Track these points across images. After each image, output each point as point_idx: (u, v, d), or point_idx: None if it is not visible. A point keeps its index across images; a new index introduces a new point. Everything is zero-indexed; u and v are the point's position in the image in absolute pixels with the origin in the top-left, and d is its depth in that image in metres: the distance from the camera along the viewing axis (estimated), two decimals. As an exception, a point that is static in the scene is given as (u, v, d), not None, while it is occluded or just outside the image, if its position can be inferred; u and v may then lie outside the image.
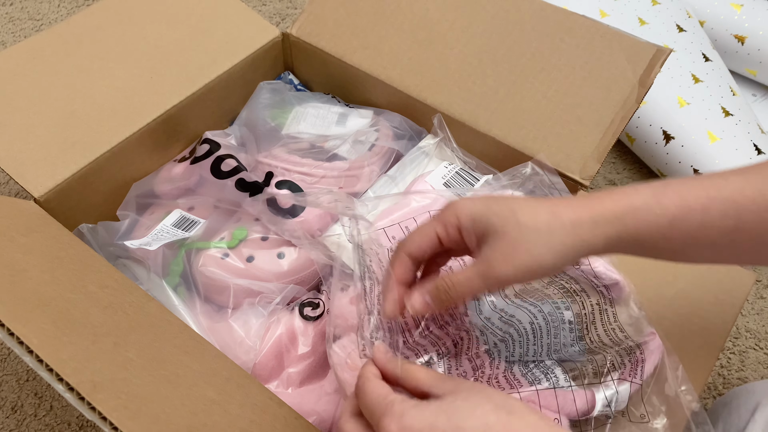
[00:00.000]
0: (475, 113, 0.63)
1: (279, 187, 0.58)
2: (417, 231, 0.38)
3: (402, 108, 0.68)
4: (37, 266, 0.44)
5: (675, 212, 0.34)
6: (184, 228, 0.60)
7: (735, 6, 0.89)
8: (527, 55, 0.63)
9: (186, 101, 0.65)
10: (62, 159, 0.58)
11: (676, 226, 0.34)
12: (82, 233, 0.59)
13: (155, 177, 0.65)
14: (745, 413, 0.47)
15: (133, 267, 0.57)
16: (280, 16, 1.09)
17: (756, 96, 0.91)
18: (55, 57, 0.63)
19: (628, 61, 0.59)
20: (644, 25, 0.85)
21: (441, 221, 0.37)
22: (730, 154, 0.75)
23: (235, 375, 0.44)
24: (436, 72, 0.66)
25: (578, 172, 0.58)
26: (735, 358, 0.69)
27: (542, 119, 0.61)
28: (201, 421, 0.37)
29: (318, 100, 0.72)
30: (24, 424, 0.64)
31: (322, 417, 0.49)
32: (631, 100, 0.58)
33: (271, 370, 0.51)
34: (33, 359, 0.35)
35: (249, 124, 0.69)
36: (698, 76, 0.80)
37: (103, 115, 0.61)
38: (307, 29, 0.72)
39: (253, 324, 0.52)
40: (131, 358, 0.39)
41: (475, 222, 0.36)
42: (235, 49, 0.69)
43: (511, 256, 0.34)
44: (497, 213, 0.35)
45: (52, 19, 1.07)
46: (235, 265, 0.56)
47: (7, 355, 0.68)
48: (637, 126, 0.82)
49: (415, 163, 0.64)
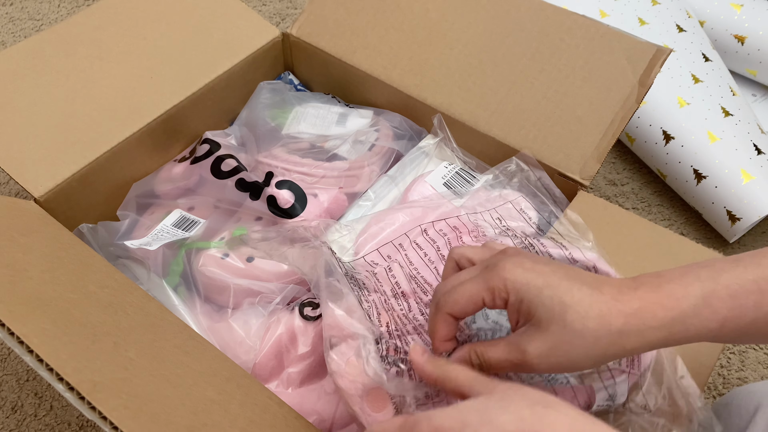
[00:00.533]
0: (475, 113, 0.63)
1: (279, 187, 0.58)
2: (461, 291, 0.37)
3: (402, 108, 0.68)
4: (37, 266, 0.44)
5: (726, 315, 0.33)
6: (184, 228, 0.60)
7: (735, 6, 0.89)
8: (527, 55, 0.63)
9: (186, 101, 0.65)
10: (62, 159, 0.58)
11: (726, 327, 0.33)
12: (82, 233, 0.59)
13: (155, 177, 0.65)
14: (745, 414, 0.47)
15: (133, 267, 0.57)
16: (280, 16, 1.09)
17: (756, 96, 0.91)
18: (55, 57, 0.63)
19: (628, 61, 0.59)
20: (644, 25, 0.85)
21: (489, 289, 0.36)
22: (730, 154, 0.75)
23: (235, 375, 0.44)
24: (436, 72, 0.66)
25: (578, 172, 0.59)
26: (735, 358, 0.69)
27: (542, 119, 0.61)
28: (201, 421, 0.37)
29: (318, 100, 0.72)
30: (24, 424, 0.64)
31: (322, 417, 0.49)
32: (631, 100, 0.58)
33: (271, 370, 0.51)
34: (33, 359, 0.35)
35: (249, 124, 0.69)
36: (698, 76, 0.80)
37: (103, 115, 0.61)
38: (307, 29, 0.72)
39: (253, 324, 0.52)
40: (131, 358, 0.39)
41: (522, 304, 0.35)
42: (235, 49, 0.69)
43: (549, 354, 0.34)
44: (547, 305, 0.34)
45: (52, 19, 1.07)
46: (235, 265, 0.56)
47: (7, 355, 0.68)
48: (637, 126, 0.82)
49: (415, 163, 0.64)
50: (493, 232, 0.51)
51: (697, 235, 0.79)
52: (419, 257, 0.48)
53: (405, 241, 0.50)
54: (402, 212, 0.53)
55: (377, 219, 0.54)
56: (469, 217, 0.52)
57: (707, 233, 0.79)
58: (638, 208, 0.82)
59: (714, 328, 0.33)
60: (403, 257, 0.49)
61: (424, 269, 0.48)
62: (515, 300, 0.35)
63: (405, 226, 0.52)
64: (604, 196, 0.82)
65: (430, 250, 0.49)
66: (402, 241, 0.50)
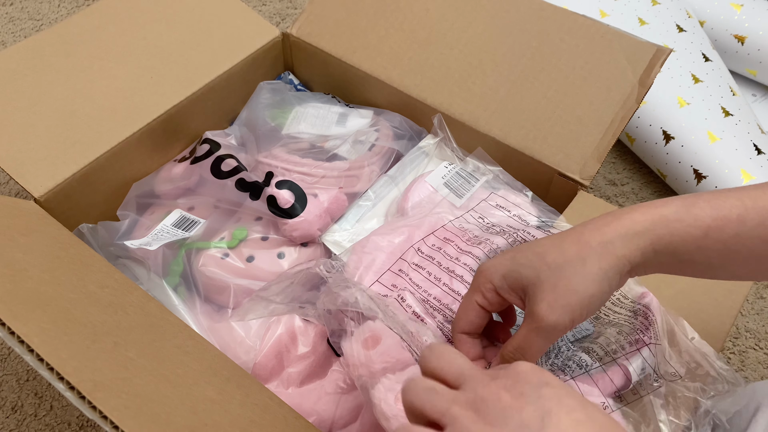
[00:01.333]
0: (475, 113, 0.63)
1: (279, 187, 0.58)
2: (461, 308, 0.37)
3: (402, 108, 0.68)
4: (37, 266, 0.44)
5: (709, 222, 0.33)
6: (184, 228, 0.60)
7: (735, 6, 0.89)
8: (527, 55, 0.63)
9: (186, 101, 0.65)
10: (62, 159, 0.58)
11: (711, 236, 0.33)
12: (82, 233, 0.59)
13: (155, 177, 0.65)
14: (746, 414, 0.47)
15: (133, 267, 0.57)
16: (280, 16, 1.09)
17: (756, 96, 0.91)
18: (55, 57, 0.63)
19: (628, 61, 0.59)
20: (644, 25, 0.85)
21: (477, 290, 0.36)
22: (730, 154, 0.75)
23: (235, 375, 0.44)
24: (436, 72, 0.66)
25: (578, 172, 0.59)
26: (735, 358, 0.69)
27: (542, 119, 0.61)
28: (201, 421, 0.37)
29: (318, 100, 0.72)
30: (24, 424, 0.63)
31: (322, 417, 0.49)
32: (631, 100, 0.58)
33: (271, 370, 0.51)
34: (34, 358, 0.35)
35: (249, 124, 0.69)
36: (698, 76, 0.80)
37: (103, 115, 0.61)
38: (307, 29, 0.72)
39: (253, 324, 0.52)
40: (132, 358, 0.39)
41: (508, 279, 0.35)
42: (235, 49, 0.69)
43: (555, 300, 0.33)
44: (525, 264, 0.34)
45: (52, 19, 1.07)
46: (235, 265, 0.56)
47: (7, 354, 0.68)
48: (637, 126, 0.82)
49: (415, 163, 0.64)
50: (480, 231, 0.51)
51: (697, 235, 0.79)
52: (424, 278, 0.47)
53: (404, 266, 0.48)
54: (388, 236, 0.51)
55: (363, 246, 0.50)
56: (453, 224, 0.52)
57: (707, 233, 0.79)
58: (638, 208, 0.82)
59: (698, 236, 0.33)
60: (409, 282, 0.47)
61: (432, 288, 0.46)
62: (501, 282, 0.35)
63: (397, 250, 0.50)
64: (604, 196, 0.82)
65: (432, 267, 0.48)
66: (401, 266, 0.48)
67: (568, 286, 0.33)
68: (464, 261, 0.47)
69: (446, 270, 0.47)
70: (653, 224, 0.33)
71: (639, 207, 0.35)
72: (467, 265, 0.47)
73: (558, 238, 0.35)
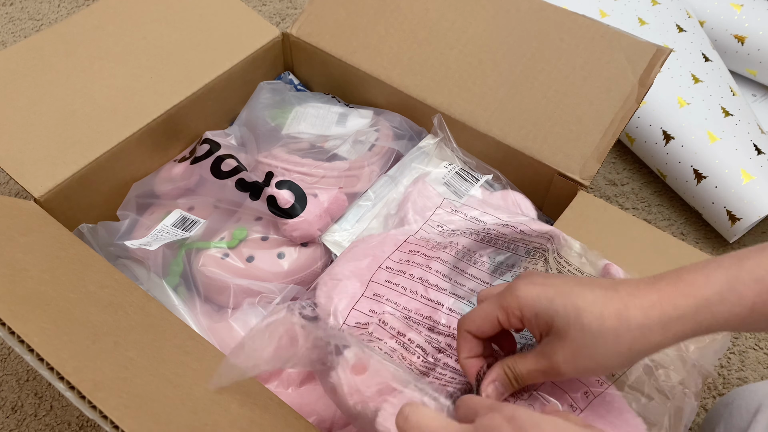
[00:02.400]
0: (475, 113, 0.63)
1: (279, 187, 0.58)
2: (478, 311, 0.38)
3: (402, 108, 0.68)
4: (37, 266, 0.44)
5: (754, 299, 0.32)
6: (184, 228, 0.60)
7: (735, 6, 0.89)
8: (527, 55, 0.63)
9: (186, 101, 0.65)
10: (62, 159, 0.58)
11: (757, 311, 0.32)
12: (82, 233, 0.59)
13: (155, 177, 0.65)
14: (746, 414, 0.47)
15: (133, 267, 0.57)
16: (280, 16, 1.09)
17: (756, 96, 0.91)
18: (55, 57, 0.63)
19: (628, 61, 0.59)
20: (644, 25, 0.85)
21: (503, 308, 0.36)
22: (730, 154, 0.75)
23: (235, 375, 0.44)
24: (436, 72, 0.66)
25: (578, 172, 0.59)
26: (735, 358, 0.69)
27: (542, 119, 0.61)
28: (201, 421, 0.37)
29: (318, 100, 0.72)
30: (24, 424, 0.63)
31: (322, 417, 0.49)
32: (631, 100, 0.58)
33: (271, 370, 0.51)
34: (34, 358, 0.35)
35: (249, 124, 0.69)
36: (698, 76, 0.80)
37: (103, 115, 0.61)
38: (307, 29, 0.72)
39: (253, 324, 0.52)
40: (132, 358, 0.39)
41: (538, 318, 0.35)
42: (235, 49, 0.69)
43: (574, 359, 0.34)
44: (561, 313, 0.34)
45: (52, 19, 1.07)
46: (235, 265, 0.56)
47: (7, 354, 0.68)
48: (637, 126, 0.82)
49: (415, 163, 0.64)
50: (441, 238, 0.51)
51: (697, 235, 0.79)
52: (399, 293, 0.46)
53: (377, 288, 0.47)
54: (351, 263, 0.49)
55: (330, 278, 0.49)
56: (415, 237, 0.51)
57: (707, 233, 0.79)
58: (638, 208, 0.82)
59: (743, 315, 0.32)
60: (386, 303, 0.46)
61: (411, 303, 0.46)
62: (530, 315, 0.35)
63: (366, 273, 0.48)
64: (604, 196, 0.82)
65: (404, 281, 0.47)
66: (375, 290, 0.47)
67: (592, 355, 0.33)
68: (435, 267, 0.47)
69: (420, 280, 0.47)
70: (696, 311, 0.33)
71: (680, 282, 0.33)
72: (439, 271, 0.47)
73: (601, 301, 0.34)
